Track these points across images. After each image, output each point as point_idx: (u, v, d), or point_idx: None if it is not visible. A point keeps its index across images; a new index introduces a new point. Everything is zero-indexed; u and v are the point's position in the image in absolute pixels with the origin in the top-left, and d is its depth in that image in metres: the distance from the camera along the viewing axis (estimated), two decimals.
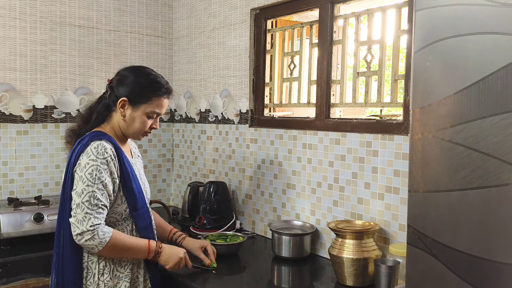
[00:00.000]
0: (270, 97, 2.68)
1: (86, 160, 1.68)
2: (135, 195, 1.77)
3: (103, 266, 1.72)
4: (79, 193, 1.66)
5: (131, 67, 1.89)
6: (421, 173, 1.11)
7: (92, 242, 1.64)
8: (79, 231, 1.64)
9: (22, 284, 2.14)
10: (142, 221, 1.80)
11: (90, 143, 1.71)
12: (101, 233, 1.66)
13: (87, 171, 1.67)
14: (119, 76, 1.84)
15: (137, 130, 1.83)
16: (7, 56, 2.70)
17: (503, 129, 0.96)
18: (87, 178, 1.66)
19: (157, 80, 1.84)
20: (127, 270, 1.77)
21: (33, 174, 2.80)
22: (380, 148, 2.01)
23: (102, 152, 1.69)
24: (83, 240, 1.65)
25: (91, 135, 1.75)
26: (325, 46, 2.29)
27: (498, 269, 0.98)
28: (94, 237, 1.64)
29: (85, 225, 1.64)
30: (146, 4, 3.20)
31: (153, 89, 1.81)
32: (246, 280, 2.01)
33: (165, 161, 3.37)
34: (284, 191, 2.47)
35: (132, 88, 1.79)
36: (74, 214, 1.66)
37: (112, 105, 1.82)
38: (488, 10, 0.98)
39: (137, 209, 1.78)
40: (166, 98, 1.85)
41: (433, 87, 1.08)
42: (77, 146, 1.75)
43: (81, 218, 1.64)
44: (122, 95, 1.79)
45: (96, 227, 1.65)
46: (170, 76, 3.34)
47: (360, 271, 1.84)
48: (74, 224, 1.65)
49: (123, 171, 1.75)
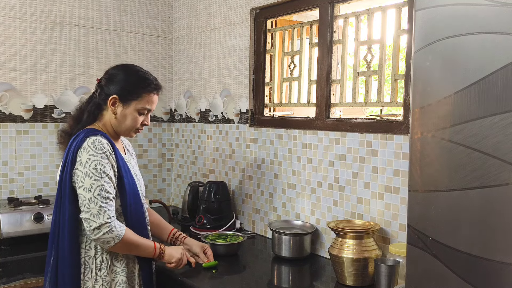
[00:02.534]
0: (270, 97, 2.68)
1: (86, 156, 1.69)
2: (126, 191, 1.78)
3: (100, 261, 1.74)
4: (88, 189, 1.67)
5: (119, 65, 1.91)
6: (421, 173, 1.11)
7: (110, 235, 1.66)
8: (97, 225, 1.65)
9: (22, 284, 2.14)
10: (132, 217, 1.80)
11: (85, 139, 1.72)
12: (118, 226, 1.69)
13: (90, 166, 1.68)
14: (107, 75, 1.86)
15: (128, 127, 1.85)
16: (7, 56, 2.70)
17: (503, 129, 0.96)
18: (92, 173, 1.68)
19: (146, 77, 1.87)
20: (123, 264, 1.78)
21: (33, 173, 2.80)
22: (380, 147, 2.01)
23: (100, 146, 1.71)
24: (101, 234, 1.65)
25: (86, 132, 1.76)
26: (325, 46, 2.29)
27: (498, 269, 0.98)
28: (112, 229, 1.66)
29: (102, 218, 1.65)
30: (146, 4, 3.19)
31: (143, 85, 1.84)
32: (246, 280, 2.01)
33: (165, 161, 3.37)
34: (284, 191, 2.47)
35: (122, 86, 1.81)
36: (88, 209, 1.66)
37: (102, 104, 1.83)
38: (488, 10, 0.97)
39: (129, 204, 1.79)
40: (156, 94, 1.88)
41: (433, 87, 1.08)
42: (73, 143, 1.75)
43: (96, 212, 1.65)
44: (112, 93, 1.81)
45: (112, 219, 1.67)
46: (170, 76, 3.34)
47: (360, 271, 1.84)
48: (89, 219, 1.66)
49: (118, 166, 1.77)
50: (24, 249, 2.26)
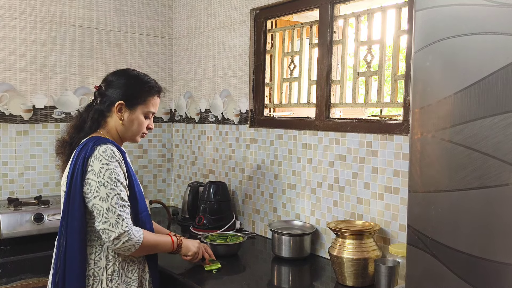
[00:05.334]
0: (270, 97, 2.68)
1: (99, 165, 1.66)
2: (137, 199, 1.78)
3: (112, 271, 1.71)
4: (105, 198, 1.64)
5: (118, 71, 1.88)
6: (421, 173, 1.11)
7: (130, 243, 1.65)
8: (116, 235, 1.63)
9: (22, 284, 2.14)
10: (145, 224, 1.80)
11: (96, 147, 1.69)
12: (136, 232, 1.68)
13: (105, 175, 1.65)
14: (107, 82, 1.84)
15: (135, 131, 1.84)
16: (7, 56, 2.70)
17: (503, 129, 0.96)
18: (108, 182, 1.65)
19: (148, 80, 1.87)
20: (134, 274, 1.77)
21: (33, 174, 2.80)
22: (380, 148, 2.01)
23: (112, 155, 1.68)
24: (121, 243, 1.64)
25: (94, 140, 1.72)
26: (325, 46, 2.29)
27: (498, 269, 0.98)
28: (131, 237, 1.66)
29: (120, 227, 1.63)
30: (146, 4, 3.20)
31: (146, 89, 1.84)
32: (246, 280, 2.01)
33: (165, 161, 3.37)
34: (284, 191, 2.47)
35: (126, 91, 1.80)
36: (106, 219, 1.63)
37: (106, 111, 1.80)
38: (488, 10, 0.98)
39: (141, 212, 1.79)
40: (158, 96, 1.89)
41: (433, 87, 1.08)
42: (81, 152, 1.70)
43: (114, 221, 1.63)
44: (117, 99, 1.79)
45: (130, 227, 1.66)
46: (170, 76, 3.34)
47: (360, 271, 1.84)
48: (107, 230, 1.63)
49: (129, 174, 1.76)
50: (24, 250, 2.26)
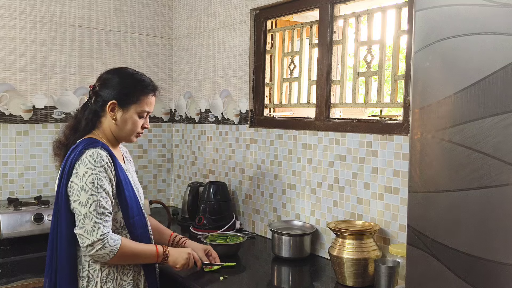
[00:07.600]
0: (270, 97, 2.68)
1: (84, 169, 1.65)
2: (127, 203, 1.74)
3: (106, 274, 1.70)
4: (83, 203, 1.63)
5: (112, 70, 1.85)
6: (421, 174, 1.11)
7: (103, 251, 1.63)
8: (89, 242, 1.62)
9: (22, 284, 2.13)
10: (136, 229, 1.78)
11: (84, 151, 1.67)
12: (111, 241, 1.64)
13: (87, 180, 1.64)
14: (101, 81, 1.80)
15: (129, 131, 1.81)
16: (7, 56, 2.70)
17: (503, 129, 0.96)
18: (89, 187, 1.63)
19: (142, 79, 1.82)
20: (129, 277, 1.75)
21: (33, 174, 2.80)
22: (380, 148, 2.01)
23: (99, 159, 1.66)
24: (94, 250, 1.62)
25: (85, 143, 1.71)
26: (325, 46, 2.29)
27: (498, 269, 0.98)
28: (105, 246, 1.63)
29: (95, 235, 1.61)
30: (146, 4, 3.20)
31: (140, 88, 1.79)
32: (246, 280, 2.01)
33: (165, 161, 3.37)
34: (284, 191, 2.47)
35: (119, 90, 1.77)
36: (82, 225, 1.63)
37: (99, 111, 1.78)
38: (488, 10, 0.98)
39: (131, 217, 1.76)
40: (153, 95, 1.84)
41: (433, 87, 1.08)
42: (71, 154, 1.70)
43: (90, 228, 1.62)
44: (110, 99, 1.75)
45: (105, 236, 1.63)
46: (170, 77, 3.34)
47: (360, 271, 1.84)
48: (82, 235, 1.63)
49: (118, 179, 1.73)
50: (24, 250, 2.26)
